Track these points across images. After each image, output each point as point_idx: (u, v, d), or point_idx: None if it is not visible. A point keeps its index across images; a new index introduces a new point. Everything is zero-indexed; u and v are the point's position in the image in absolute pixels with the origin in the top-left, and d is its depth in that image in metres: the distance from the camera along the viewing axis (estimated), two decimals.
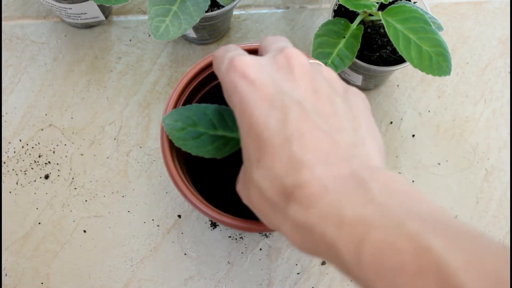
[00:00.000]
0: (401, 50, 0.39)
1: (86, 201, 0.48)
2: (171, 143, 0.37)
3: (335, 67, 0.42)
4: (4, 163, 0.49)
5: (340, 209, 0.21)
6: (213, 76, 0.38)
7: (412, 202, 0.21)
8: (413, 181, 0.50)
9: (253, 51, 0.40)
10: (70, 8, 0.48)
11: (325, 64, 0.41)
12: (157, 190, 0.49)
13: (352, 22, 0.44)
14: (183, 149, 0.35)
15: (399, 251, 0.19)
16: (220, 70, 0.28)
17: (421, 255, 0.18)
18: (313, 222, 0.22)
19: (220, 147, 0.35)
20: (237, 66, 0.26)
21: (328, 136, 0.24)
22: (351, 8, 0.40)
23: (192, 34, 0.50)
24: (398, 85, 0.53)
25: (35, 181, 0.49)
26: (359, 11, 0.43)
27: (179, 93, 0.38)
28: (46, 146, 0.50)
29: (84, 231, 0.47)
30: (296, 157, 0.23)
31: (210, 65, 0.38)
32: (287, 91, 0.25)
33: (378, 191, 0.21)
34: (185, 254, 0.47)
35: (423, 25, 0.40)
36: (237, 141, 0.35)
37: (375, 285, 0.19)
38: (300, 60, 0.26)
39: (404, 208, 0.20)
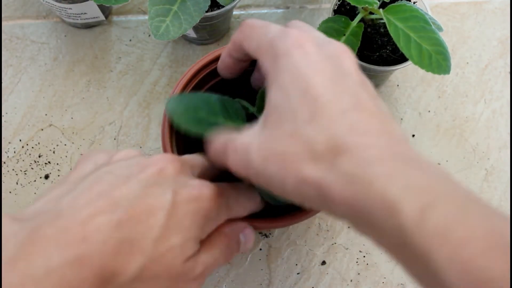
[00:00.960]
0: (401, 47, 0.40)
1: None
2: (171, 139, 0.37)
3: None
4: (4, 163, 0.49)
5: (405, 174, 0.21)
6: (214, 73, 0.38)
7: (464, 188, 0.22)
8: None
9: None
10: (70, 8, 0.49)
11: None
12: None
13: (352, 20, 0.44)
14: (180, 125, 0.35)
15: (470, 225, 0.19)
16: (265, 37, 0.28)
17: (493, 236, 0.19)
18: (372, 178, 0.22)
19: None
20: (294, 36, 0.27)
21: (381, 114, 0.25)
22: (352, 3, 0.40)
23: (192, 34, 0.50)
24: (398, 85, 0.53)
25: (35, 181, 0.48)
26: (360, 6, 0.43)
27: (180, 91, 0.38)
28: (46, 146, 0.50)
29: None
30: (358, 124, 0.24)
31: (211, 62, 0.38)
32: (343, 75, 0.26)
33: (435, 170, 0.22)
34: None
35: (423, 24, 0.40)
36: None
37: (434, 251, 0.19)
38: (352, 59, 0.28)
39: (465, 190, 0.21)
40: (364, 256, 0.48)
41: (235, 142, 0.27)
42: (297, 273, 0.47)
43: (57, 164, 0.49)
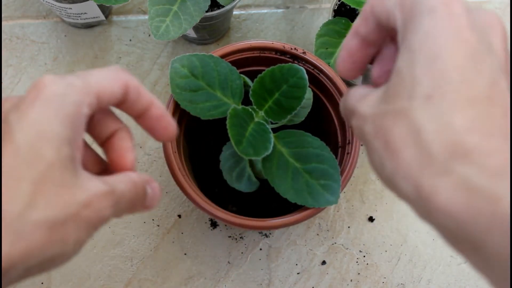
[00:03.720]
0: None
1: None
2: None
3: None
4: None
5: None
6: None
7: None
8: None
9: (255, 49, 0.40)
10: (70, 8, 0.48)
11: (328, 64, 0.41)
12: None
13: (352, 21, 0.44)
14: (176, 98, 0.36)
15: None
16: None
17: None
18: (499, 194, 0.18)
19: (211, 108, 0.36)
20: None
21: None
22: (352, 5, 0.41)
23: (192, 34, 0.50)
24: None
25: None
26: (360, 8, 0.43)
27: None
28: None
29: None
30: (484, 120, 0.19)
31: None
32: (487, 53, 0.21)
33: None
34: (185, 254, 0.47)
35: None
36: (227, 108, 0.35)
37: None
38: (504, 35, 0.23)
39: None
40: (364, 256, 0.48)
41: (359, 107, 0.24)
42: (297, 273, 0.47)
43: None
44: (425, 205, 0.20)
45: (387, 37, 0.26)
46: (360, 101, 0.24)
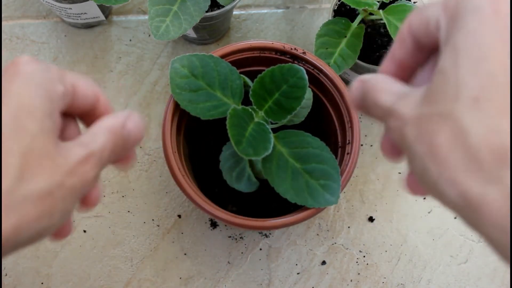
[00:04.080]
0: None
1: None
2: (172, 138, 0.37)
3: (337, 67, 0.42)
4: None
5: None
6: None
7: None
8: None
9: (255, 49, 0.40)
10: (70, 8, 0.48)
11: (328, 64, 0.41)
12: (157, 190, 0.49)
13: (352, 21, 0.44)
14: (176, 98, 0.36)
15: None
16: None
17: None
18: None
19: (211, 108, 0.36)
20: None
21: None
22: (352, 5, 0.41)
23: (192, 34, 0.50)
24: None
25: None
26: (360, 8, 0.43)
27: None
28: None
29: (84, 231, 0.47)
30: None
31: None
32: None
33: None
34: (185, 254, 0.47)
35: None
36: (227, 108, 0.35)
37: None
38: None
39: None
40: (364, 256, 0.48)
41: (398, 108, 0.23)
42: (297, 273, 0.47)
43: None
44: (473, 214, 0.19)
45: (422, 60, 0.25)
46: (399, 100, 0.23)
